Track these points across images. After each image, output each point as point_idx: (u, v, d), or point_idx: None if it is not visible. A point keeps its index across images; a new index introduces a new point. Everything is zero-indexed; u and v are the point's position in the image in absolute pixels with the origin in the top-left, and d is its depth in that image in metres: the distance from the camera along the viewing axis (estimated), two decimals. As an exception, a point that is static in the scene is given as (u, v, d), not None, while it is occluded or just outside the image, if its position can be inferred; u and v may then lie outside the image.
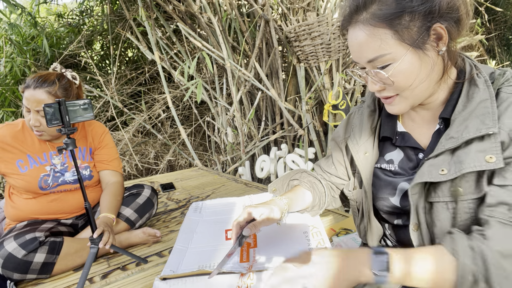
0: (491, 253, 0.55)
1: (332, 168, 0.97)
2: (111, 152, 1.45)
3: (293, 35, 2.34)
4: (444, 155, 0.65)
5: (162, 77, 2.93)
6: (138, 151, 3.83)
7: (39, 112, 1.20)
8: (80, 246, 1.19)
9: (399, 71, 0.64)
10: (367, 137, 0.82)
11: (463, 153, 0.63)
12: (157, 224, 1.56)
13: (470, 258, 0.56)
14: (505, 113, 0.61)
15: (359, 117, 0.88)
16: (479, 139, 0.62)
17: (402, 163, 0.77)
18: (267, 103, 3.04)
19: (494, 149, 0.60)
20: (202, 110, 4.17)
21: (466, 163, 0.61)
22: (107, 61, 4.44)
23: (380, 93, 0.70)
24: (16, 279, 1.08)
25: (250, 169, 2.87)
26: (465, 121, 0.64)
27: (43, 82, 1.20)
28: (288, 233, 0.95)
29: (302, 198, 0.97)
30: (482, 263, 0.55)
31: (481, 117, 0.62)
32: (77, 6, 4.09)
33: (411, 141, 0.75)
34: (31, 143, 1.29)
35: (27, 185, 1.25)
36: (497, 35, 4.54)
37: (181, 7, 2.84)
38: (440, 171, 0.64)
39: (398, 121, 0.80)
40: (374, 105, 0.84)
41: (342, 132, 0.93)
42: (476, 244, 0.57)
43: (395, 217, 0.78)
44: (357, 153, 0.83)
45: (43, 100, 1.19)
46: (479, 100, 0.64)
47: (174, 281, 0.77)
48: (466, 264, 0.56)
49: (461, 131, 0.63)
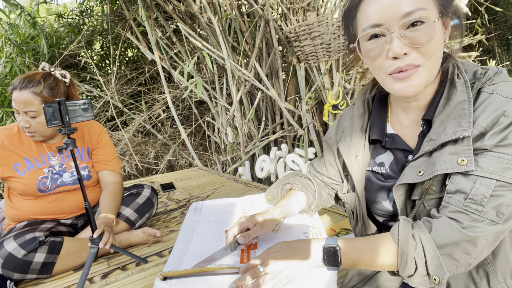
0: (429, 243, 0.60)
1: (324, 169, 0.98)
2: (110, 152, 1.45)
3: (293, 35, 2.34)
4: (423, 157, 0.67)
5: (162, 77, 2.93)
6: (138, 151, 3.83)
7: (28, 113, 1.19)
8: (80, 246, 1.19)
9: (433, 31, 0.61)
10: (358, 140, 0.82)
11: (437, 154, 0.64)
12: (157, 224, 1.56)
13: (410, 246, 0.61)
14: (482, 115, 0.61)
15: (349, 119, 0.87)
16: (452, 141, 0.62)
17: (392, 165, 0.77)
18: (267, 103, 3.04)
19: (467, 152, 0.60)
20: (202, 110, 4.18)
21: (438, 165, 0.63)
22: (107, 61, 4.44)
23: (403, 60, 0.63)
24: (16, 279, 1.08)
25: (250, 169, 2.87)
26: (443, 123, 0.64)
27: (28, 83, 1.19)
28: (288, 234, 0.94)
29: (297, 201, 0.99)
30: (421, 251, 0.60)
31: (458, 119, 0.62)
32: (77, 6, 4.09)
33: (401, 143, 0.75)
34: (27, 146, 1.29)
35: (26, 188, 1.25)
36: (497, 35, 4.54)
37: (181, 7, 2.84)
38: (417, 173, 0.66)
39: (387, 123, 0.79)
40: (364, 107, 0.83)
41: (333, 134, 0.92)
42: (417, 234, 0.62)
43: (390, 219, 0.79)
44: (349, 157, 0.82)
45: (30, 101, 1.18)
46: (457, 102, 0.64)
47: (174, 281, 0.77)
48: (405, 251, 0.61)
49: (440, 133, 0.64)
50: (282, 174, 2.52)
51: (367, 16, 0.64)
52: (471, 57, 3.42)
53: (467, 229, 0.58)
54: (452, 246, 0.59)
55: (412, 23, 0.60)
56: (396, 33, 0.61)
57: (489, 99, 0.61)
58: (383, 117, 0.79)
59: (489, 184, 0.58)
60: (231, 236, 0.85)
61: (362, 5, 0.66)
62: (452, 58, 0.70)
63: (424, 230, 0.61)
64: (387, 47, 0.63)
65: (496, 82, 0.63)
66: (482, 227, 0.58)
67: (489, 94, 0.62)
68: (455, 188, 0.61)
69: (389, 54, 0.63)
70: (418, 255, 0.60)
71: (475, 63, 0.81)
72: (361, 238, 0.69)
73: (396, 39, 0.61)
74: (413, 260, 0.61)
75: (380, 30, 0.63)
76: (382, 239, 0.66)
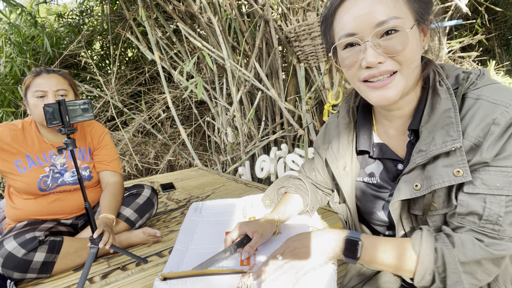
0: (452, 259, 0.58)
1: (312, 174, 0.98)
2: (111, 152, 1.45)
3: (293, 35, 2.34)
4: (416, 170, 0.65)
5: (162, 77, 2.93)
6: (138, 151, 3.83)
7: (58, 92, 1.26)
8: (80, 245, 1.19)
9: (407, 39, 0.60)
10: (345, 151, 0.80)
11: (432, 168, 0.63)
12: (157, 224, 1.56)
13: (432, 259, 0.60)
14: (471, 124, 0.59)
15: (335, 128, 0.85)
16: (445, 153, 0.61)
17: (383, 175, 0.76)
18: (267, 103, 3.04)
19: (461, 163, 0.59)
20: (202, 110, 4.18)
21: (434, 179, 0.62)
22: (107, 61, 4.44)
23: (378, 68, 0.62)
24: (16, 279, 1.08)
25: (250, 169, 2.87)
26: (431, 133, 0.63)
27: (53, 70, 1.29)
28: (288, 234, 0.94)
29: (293, 204, 0.99)
30: (443, 265, 0.59)
31: (446, 128, 0.61)
32: (77, 6, 4.09)
33: (389, 152, 0.74)
34: (30, 143, 1.29)
35: (27, 187, 1.25)
36: (497, 35, 4.54)
37: (181, 7, 2.84)
38: (414, 186, 0.64)
39: (373, 131, 0.78)
40: (349, 117, 0.81)
41: (320, 143, 0.92)
42: (440, 247, 0.60)
43: (385, 229, 0.78)
44: (337, 169, 0.81)
45: (60, 81, 1.27)
46: (442, 110, 0.63)
47: (174, 281, 0.77)
48: (426, 264, 0.60)
49: (429, 144, 0.63)
50: (282, 174, 2.52)
51: (342, 25, 0.64)
52: (471, 57, 3.41)
53: (489, 247, 0.57)
54: (475, 265, 0.58)
55: (386, 32, 0.60)
56: (369, 43, 0.60)
57: (475, 105, 0.60)
58: (369, 126, 0.78)
59: (499, 201, 0.57)
60: (230, 241, 0.86)
61: (338, 14, 0.65)
62: (432, 64, 0.68)
63: (448, 244, 0.60)
64: (361, 56, 0.62)
65: (480, 86, 0.62)
66: (504, 244, 0.57)
67: (475, 100, 0.61)
68: (466, 211, 0.60)
69: (363, 63, 0.62)
70: (438, 269, 0.59)
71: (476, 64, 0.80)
72: (383, 238, 0.68)
73: (370, 48, 0.61)
74: (432, 274, 0.60)
75: (354, 39, 0.62)
76: (404, 245, 0.64)
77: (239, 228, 0.87)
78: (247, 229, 0.86)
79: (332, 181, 0.91)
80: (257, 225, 0.87)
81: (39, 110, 1.22)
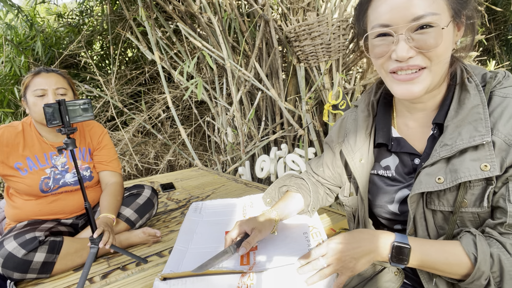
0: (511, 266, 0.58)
1: (320, 170, 0.98)
2: (110, 152, 1.45)
3: (293, 35, 2.34)
4: (440, 163, 0.65)
5: (162, 77, 2.93)
6: (138, 151, 3.83)
7: (57, 91, 1.26)
8: (80, 246, 1.19)
9: (441, 36, 0.59)
10: (362, 143, 0.80)
11: (458, 161, 0.63)
12: (157, 224, 1.56)
13: (488, 265, 0.59)
14: (500, 120, 0.60)
15: (353, 122, 0.86)
16: (473, 147, 0.61)
17: (398, 169, 0.76)
18: (267, 103, 3.04)
19: (489, 158, 0.60)
20: (202, 110, 4.17)
21: (461, 171, 0.62)
22: (107, 61, 4.44)
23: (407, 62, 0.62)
24: (16, 279, 1.08)
25: (250, 169, 2.87)
26: (458, 127, 0.64)
27: (51, 70, 1.30)
28: (288, 234, 0.95)
29: (293, 203, 0.99)
30: (499, 270, 0.59)
31: (474, 123, 0.62)
32: (77, 6, 4.09)
33: (407, 146, 0.74)
34: (31, 145, 1.29)
35: (28, 189, 1.25)
36: (497, 35, 4.54)
37: (181, 7, 2.84)
38: (436, 179, 0.64)
39: (392, 126, 0.78)
40: (368, 110, 0.82)
41: (335, 136, 0.91)
42: (497, 253, 0.60)
43: (394, 223, 0.78)
44: (353, 160, 0.81)
45: (60, 80, 1.28)
46: (471, 106, 0.63)
47: (174, 281, 0.77)
48: (482, 270, 0.59)
49: (455, 138, 0.63)
50: (282, 174, 2.52)
51: (378, 14, 0.63)
52: (471, 57, 3.41)
53: None
54: None
55: (421, 26, 0.59)
56: (403, 36, 0.60)
57: (503, 103, 0.61)
58: (388, 120, 0.78)
59: None
60: (230, 240, 0.86)
61: (374, 1, 0.65)
62: (460, 62, 0.69)
63: (503, 250, 0.60)
64: (392, 47, 0.62)
65: (506, 86, 0.63)
66: None
67: (502, 98, 0.62)
68: None
69: (393, 55, 0.62)
70: (493, 275, 0.60)
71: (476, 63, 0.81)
72: (429, 241, 0.66)
73: (403, 42, 0.60)
74: (487, 278, 0.60)
75: (388, 31, 0.62)
76: (455, 250, 0.63)
77: (239, 227, 0.87)
78: (246, 227, 0.86)
79: (343, 175, 0.90)
80: (255, 222, 0.87)
81: (38, 109, 1.22)
